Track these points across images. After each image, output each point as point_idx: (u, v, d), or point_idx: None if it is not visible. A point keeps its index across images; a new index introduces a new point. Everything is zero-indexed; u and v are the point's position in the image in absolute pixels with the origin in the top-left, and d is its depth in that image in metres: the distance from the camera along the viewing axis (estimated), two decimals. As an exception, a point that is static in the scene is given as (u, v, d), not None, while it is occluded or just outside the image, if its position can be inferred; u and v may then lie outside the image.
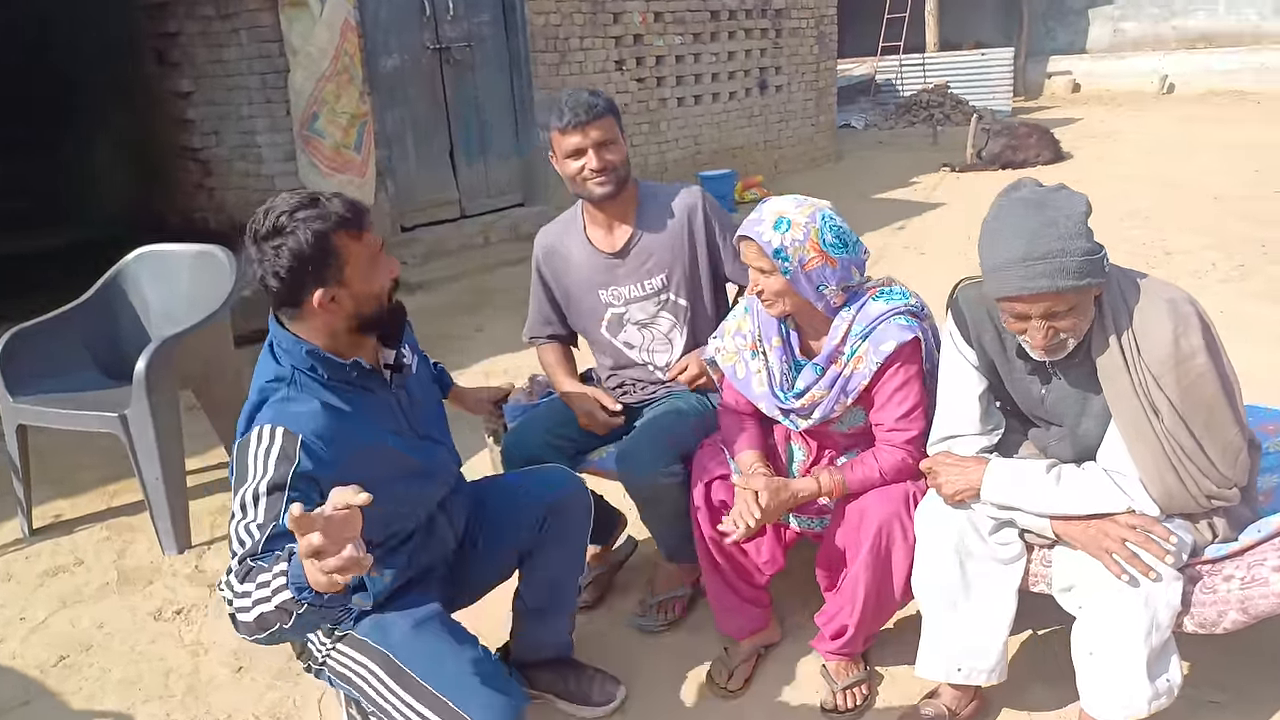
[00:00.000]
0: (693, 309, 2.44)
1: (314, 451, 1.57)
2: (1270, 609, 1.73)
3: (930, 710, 2.03)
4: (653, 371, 2.50)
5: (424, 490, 1.87)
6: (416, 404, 1.88)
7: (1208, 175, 8.07)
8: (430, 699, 1.64)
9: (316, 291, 1.61)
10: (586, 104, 2.25)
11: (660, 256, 2.39)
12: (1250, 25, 15.15)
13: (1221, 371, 1.76)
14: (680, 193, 2.43)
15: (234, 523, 1.54)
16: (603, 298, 2.45)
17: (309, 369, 1.67)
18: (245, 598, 1.44)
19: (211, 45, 5.70)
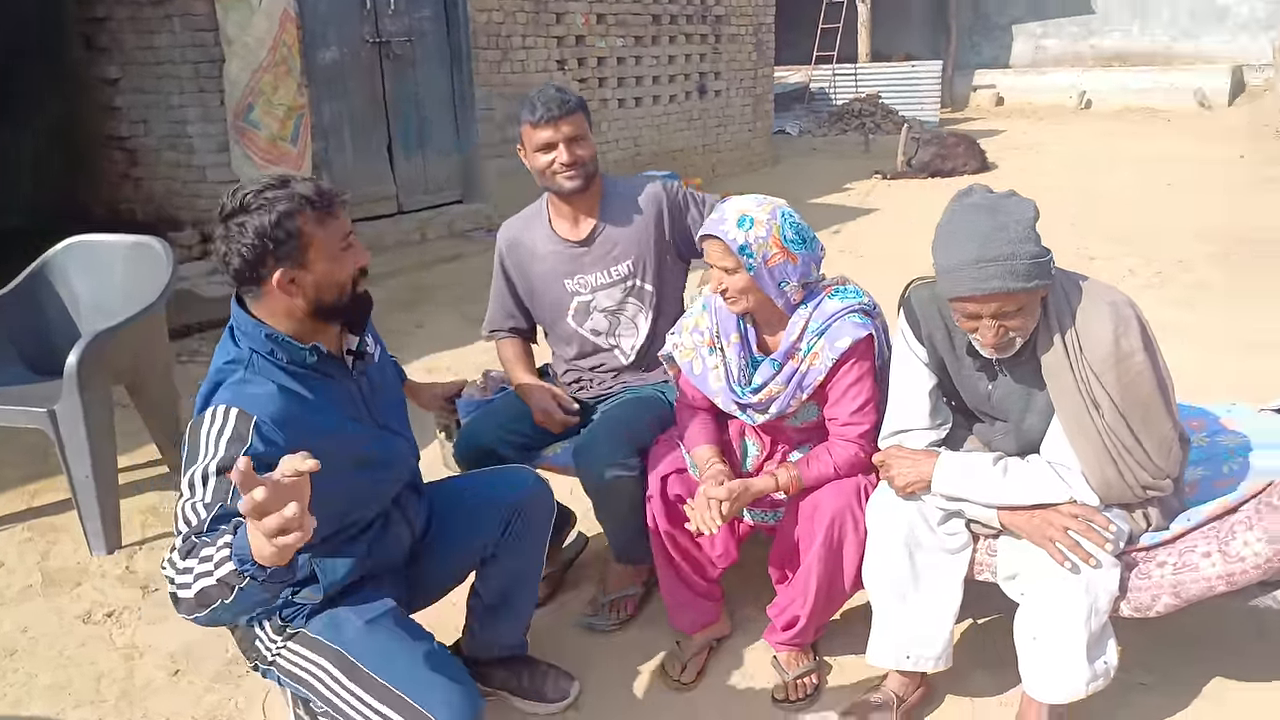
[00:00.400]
0: (659, 294, 2.48)
1: (266, 435, 1.54)
2: (1200, 593, 1.82)
3: (879, 697, 2.08)
4: (618, 356, 2.52)
5: (381, 481, 1.84)
6: (378, 392, 1.86)
7: (1125, 187, 8.42)
8: (388, 696, 1.62)
9: (277, 271, 1.60)
10: (559, 100, 2.30)
11: (626, 245, 2.43)
12: (1162, 46, 15.89)
13: (1158, 370, 1.85)
14: (647, 185, 2.49)
15: (181, 502, 1.51)
16: (568, 287, 2.47)
17: (267, 352, 1.64)
18: (187, 574, 1.41)
19: (142, 31, 5.52)
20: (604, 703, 2.18)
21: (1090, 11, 16.41)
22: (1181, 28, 15.71)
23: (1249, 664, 2.19)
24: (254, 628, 1.76)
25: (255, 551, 1.31)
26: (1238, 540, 1.80)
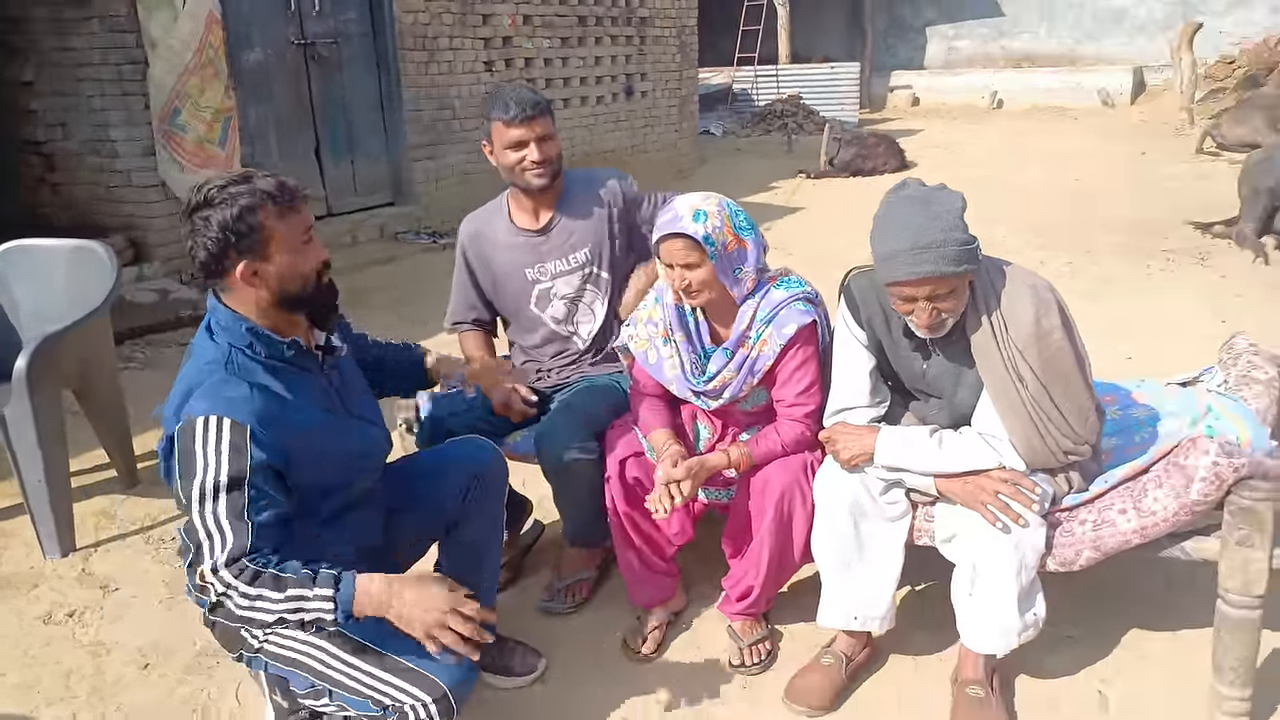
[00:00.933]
0: (614, 282, 2.60)
1: (262, 441, 1.63)
2: (1118, 545, 2.01)
3: (829, 659, 2.21)
4: (576, 343, 2.63)
5: (360, 470, 1.91)
6: (349, 385, 1.92)
7: (1036, 183, 8.82)
8: (395, 667, 1.70)
9: (240, 264, 1.67)
10: (532, 100, 2.42)
11: (583, 234, 2.55)
12: (1067, 48, 16.60)
13: (1075, 347, 2.04)
14: (606, 178, 2.61)
15: (194, 512, 1.59)
16: (529, 275, 2.57)
17: (247, 346, 1.70)
18: (259, 600, 1.56)
19: (60, 33, 5.36)
20: (569, 676, 2.27)
21: (1000, 14, 17.02)
22: (1085, 30, 16.41)
23: (1163, 614, 2.39)
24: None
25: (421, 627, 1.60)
26: (1149, 497, 1.99)
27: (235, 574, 1.57)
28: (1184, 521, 1.97)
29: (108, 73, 5.29)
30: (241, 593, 1.56)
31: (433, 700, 1.67)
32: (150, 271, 5.48)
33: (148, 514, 3.06)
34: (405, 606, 1.61)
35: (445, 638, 1.60)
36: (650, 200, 2.64)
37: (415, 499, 2.09)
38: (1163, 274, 5.60)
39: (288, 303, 1.75)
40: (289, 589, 1.57)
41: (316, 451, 1.76)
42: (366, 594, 1.60)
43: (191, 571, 1.60)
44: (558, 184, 2.53)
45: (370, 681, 1.71)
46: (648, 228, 2.56)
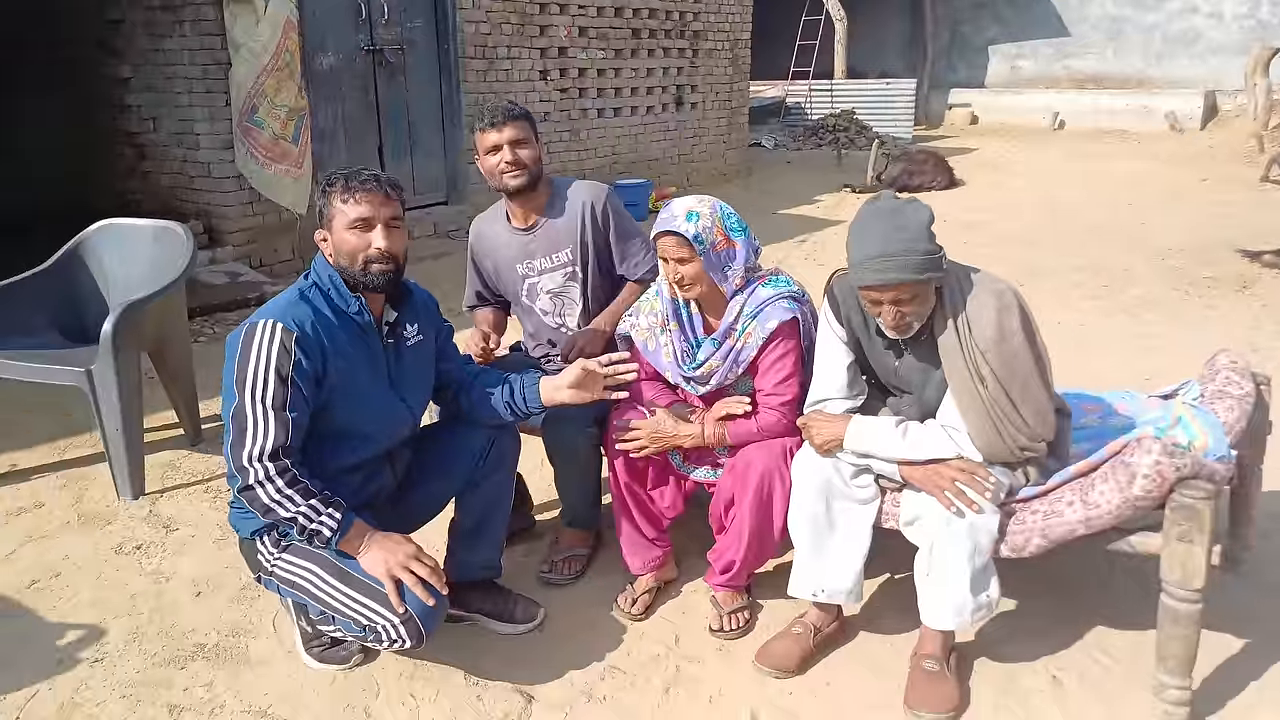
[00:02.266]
0: (591, 280, 2.86)
1: (306, 349, 2.00)
2: (1064, 535, 2.16)
3: (799, 628, 2.40)
4: (563, 332, 2.90)
5: (375, 435, 2.23)
6: (405, 366, 2.26)
7: (1088, 206, 8.81)
8: (370, 590, 2.03)
9: (319, 228, 2.12)
10: (505, 109, 2.71)
11: (566, 235, 2.80)
12: (1136, 70, 16.31)
13: (1035, 350, 2.20)
14: (585, 186, 2.85)
15: (246, 397, 1.97)
16: (519, 270, 2.85)
17: (326, 281, 2.11)
18: (286, 500, 1.97)
19: (154, 35, 5.83)
20: (565, 628, 2.51)
21: (1066, 34, 16.83)
22: (1155, 52, 16.10)
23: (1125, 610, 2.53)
24: (255, 541, 2.16)
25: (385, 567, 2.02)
26: (1095, 491, 2.13)
27: (278, 470, 1.96)
28: (1127, 516, 2.10)
29: (195, 71, 5.73)
30: (276, 487, 1.96)
31: (400, 621, 2.00)
32: (222, 255, 5.91)
33: (208, 468, 3.42)
34: (373, 550, 2.03)
35: (405, 578, 2.00)
36: (622, 222, 2.86)
37: (434, 462, 2.39)
38: (1200, 300, 5.63)
39: (343, 273, 2.12)
40: (311, 499, 1.97)
41: (346, 393, 2.10)
42: (355, 531, 2.03)
43: (235, 453, 1.97)
44: (540, 189, 2.78)
45: (352, 604, 2.04)
46: (617, 248, 2.84)
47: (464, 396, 2.42)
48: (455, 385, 2.43)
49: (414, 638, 2.02)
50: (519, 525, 2.94)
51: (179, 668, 2.34)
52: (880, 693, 2.27)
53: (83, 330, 3.29)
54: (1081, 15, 16.68)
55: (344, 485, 2.16)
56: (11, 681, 2.28)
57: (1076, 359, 4.52)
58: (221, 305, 5.32)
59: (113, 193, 6.47)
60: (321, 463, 2.12)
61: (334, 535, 2.02)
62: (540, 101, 8.14)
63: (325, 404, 2.09)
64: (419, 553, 2.07)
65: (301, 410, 2.02)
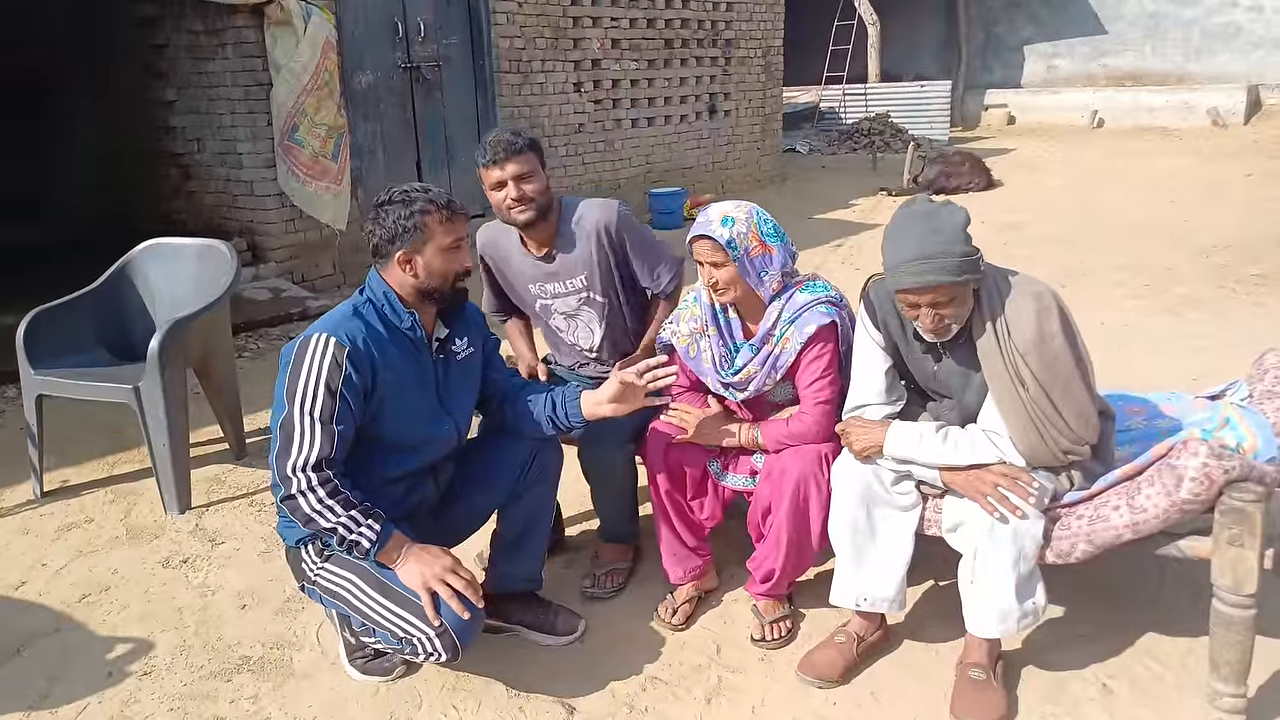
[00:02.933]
0: (609, 305, 2.80)
1: (357, 364, 2.04)
2: (1110, 540, 2.12)
3: (842, 637, 2.38)
4: (580, 351, 2.89)
5: (422, 448, 2.26)
6: (452, 380, 2.30)
7: (1128, 205, 8.68)
8: (406, 603, 2.05)
9: (401, 250, 2.11)
10: (506, 143, 2.57)
11: (579, 263, 2.74)
12: (1175, 66, 16.07)
13: (1076, 352, 2.17)
14: (595, 210, 2.74)
15: (295, 408, 2.01)
16: (533, 291, 2.82)
17: (380, 298, 2.15)
18: (327, 510, 2.01)
19: (197, 58, 5.97)
20: (606, 639, 2.50)
21: (1102, 32, 16.63)
22: (1194, 47, 15.87)
23: (1175, 616, 2.48)
24: (300, 549, 2.20)
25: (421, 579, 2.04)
26: (1141, 495, 2.10)
27: (320, 481, 1.99)
28: (1175, 520, 2.06)
29: (237, 93, 5.85)
30: (318, 497, 2.00)
31: (436, 634, 2.02)
32: (265, 272, 6.01)
33: (252, 482, 3.48)
34: (410, 562, 2.06)
35: (441, 591, 2.02)
36: (636, 233, 2.77)
37: (477, 475, 2.41)
38: (1248, 297, 5.52)
39: (425, 292, 2.16)
40: (351, 510, 2.01)
41: (394, 406, 2.14)
42: (393, 543, 2.06)
43: (280, 463, 2.01)
44: (551, 217, 2.69)
45: (389, 615, 2.06)
46: (638, 263, 2.77)
47: (508, 408, 2.44)
48: (500, 396, 2.45)
49: (449, 651, 2.04)
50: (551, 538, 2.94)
51: (225, 680, 2.38)
52: (925, 702, 2.24)
53: (130, 348, 3.37)
54: (1118, 13, 16.46)
55: (387, 496, 2.19)
56: (63, 695, 2.33)
57: (1120, 359, 4.45)
58: (265, 321, 5.42)
59: (158, 212, 6.62)
60: (366, 474, 2.15)
61: (373, 546, 2.05)
62: (575, 113, 8.20)
63: (373, 416, 2.13)
64: (456, 566, 2.09)
65: (348, 424, 2.05)
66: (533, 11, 7.64)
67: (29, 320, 3.21)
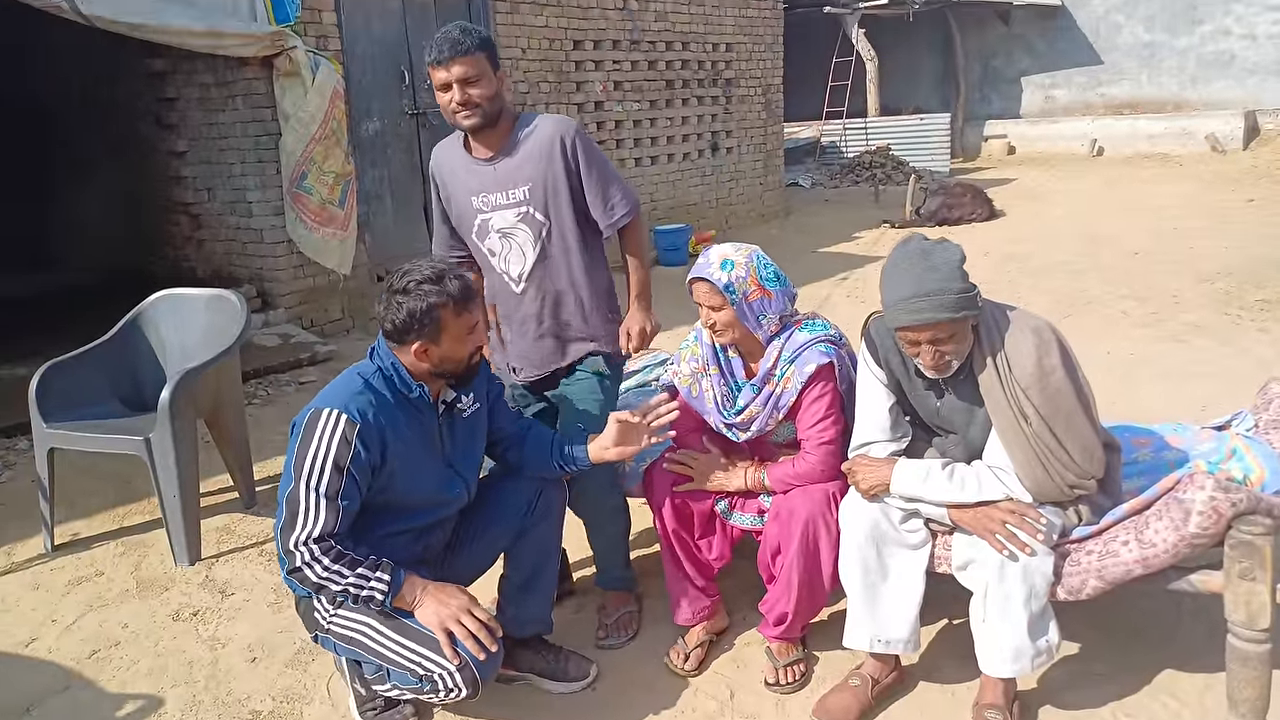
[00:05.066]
0: (550, 227, 2.58)
1: (366, 441, 2.05)
2: (1120, 575, 2.11)
3: (856, 680, 2.36)
4: (507, 282, 2.65)
5: (432, 510, 2.28)
6: (459, 440, 2.31)
7: (1131, 233, 8.69)
8: (425, 640, 2.06)
9: (416, 343, 2.11)
10: (453, 41, 2.39)
11: (525, 171, 2.54)
12: (1171, 94, 16.19)
13: (1077, 385, 2.18)
14: (553, 120, 2.58)
15: (301, 483, 2.02)
16: (473, 204, 2.61)
17: (389, 369, 2.16)
18: (336, 575, 2.03)
19: (208, 110, 6.08)
20: (618, 685, 2.49)
21: (1098, 62, 16.78)
22: (1190, 75, 15.98)
23: (1193, 653, 2.46)
24: (312, 599, 2.20)
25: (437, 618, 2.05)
26: (1150, 529, 2.10)
27: (322, 550, 2.00)
28: (1185, 554, 2.06)
29: (247, 143, 5.94)
30: (324, 565, 2.01)
31: (457, 669, 2.02)
32: (275, 318, 6.06)
33: (262, 531, 3.48)
34: (428, 603, 2.06)
35: (457, 631, 2.02)
36: (590, 156, 2.57)
37: (483, 516, 2.42)
38: (1253, 323, 5.52)
39: (440, 374, 2.18)
40: (359, 569, 2.03)
41: (404, 475, 2.15)
42: (407, 588, 2.07)
43: (284, 537, 2.01)
44: (502, 124, 2.54)
45: (409, 654, 2.07)
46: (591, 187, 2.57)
47: (514, 453, 2.45)
48: (506, 443, 2.46)
49: (470, 685, 2.05)
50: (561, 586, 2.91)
51: (236, 734, 2.37)
52: (941, 745, 2.21)
53: (141, 399, 3.39)
54: (1112, 43, 16.63)
55: (395, 546, 2.20)
56: (74, 754, 2.32)
57: (1127, 388, 4.44)
58: (275, 367, 5.45)
59: (169, 261, 6.71)
60: (374, 529, 2.17)
61: (386, 596, 2.06)
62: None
63: (383, 486, 2.15)
64: (472, 604, 2.10)
65: (353, 499, 2.07)
66: (536, 57, 7.77)
67: (41, 373, 3.23)
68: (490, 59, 2.45)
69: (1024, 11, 16.91)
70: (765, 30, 10.39)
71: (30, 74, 7.50)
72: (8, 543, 3.46)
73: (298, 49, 5.63)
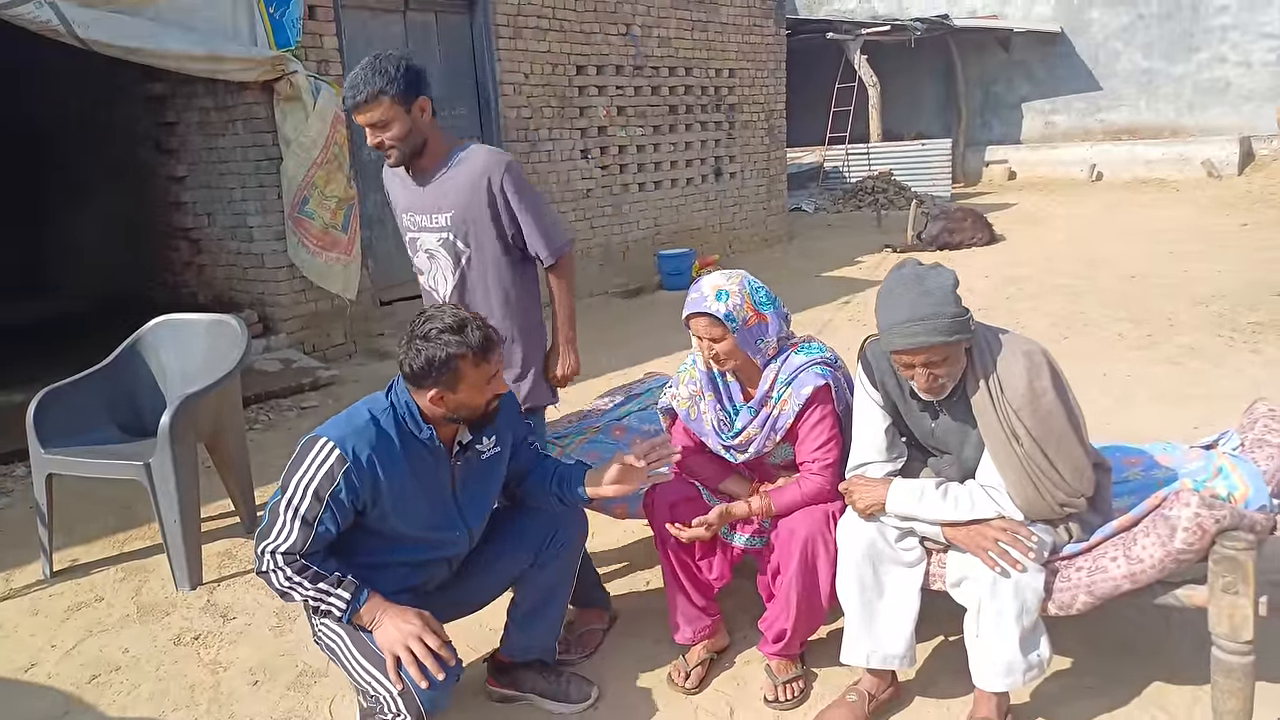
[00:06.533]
0: (470, 256, 2.61)
1: (353, 480, 2.07)
2: (1109, 590, 2.15)
3: (854, 696, 2.39)
4: (436, 300, 2.67)
5: (430, 553, 2.30)
6: (471, 483, 2.31)
7: (1129, 256, 8.76)
8: (377, 659, 2.08)
9: (433, 390, 2.11)
10: (355, 87, 2.42)
11: (449, 199, 2.56)
12: (1169, 120, 16.36)
13: (1068, 406, 2.22)
14: (485, 154, 2.59)
15: (283, 499, 2.07)
16: (404, 220, 2.69)
17: (404, 407, 2.17)
18: (297, 585, 2.08)
19: (208, 134, 6.13)
20: (619, 705, 2.50)
21: (1097, 89, 16.96)
22: (1187, 101, 16.18)
23: (1183, 667, 2.49)
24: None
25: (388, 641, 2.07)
26: (1138, 545, 2.13)
27: (286, 562, 2.07)
28: (1171, 569, 2.09)
29: (248, 168, 6.00)
30: (286, 575, 2.08)
31: (399, 694, 2.03)
32: (276, 343, 6.09)
33: (263, 554, 3.49)
34: (385, 625, 2.09)
35: (404, 656, 2.04)
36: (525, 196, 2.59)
37: (496, 548, 2.43)
38: (1245, 345, 5.56)
39: (455, 420, 2.18)
40: (320, 584, 2.09)
41: (398, 514, 2.18)
42: (368, 608, 2.13)
43: (259, 540, 2.08)
44: (433, 149, 2.56)
45: (364, 672, 2.10)
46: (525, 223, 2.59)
47: (518, 486, 2.48)
48: (517, 478, 2.48)
49: (413, 713, 2.03)
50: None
51: (238, 757, 2.37)
52: (936, 760, 2.23)
53: (141, 424, 3.42)
54: (1111, 70, 16.81)
55: (389, 573, 2.22)
56: (73, 782, 2.31)
57: (1123, 410, 4.47)
58: (277, 392, 5.48)
59: (168, 287, 6.76)
60: (368, 553, 2.21)
61: (343, 614, 2.11)
62: (582, 179, 8.37)
63: (378, 519, 2.17)
64: (424, 630, 2.08)
65: (329, 527, 2.10)
66: (539, 82, 7.86)
67: (39, 399, 3.25)
68: (399, 99, 2.43)
69: (1024, 38, 17.10)
70: (768, 56, 10.51)
71: (26, 97, 7.54)
72: (6, 569, 3.47)
73: (298, 73, 5.67)
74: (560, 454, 3.00)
